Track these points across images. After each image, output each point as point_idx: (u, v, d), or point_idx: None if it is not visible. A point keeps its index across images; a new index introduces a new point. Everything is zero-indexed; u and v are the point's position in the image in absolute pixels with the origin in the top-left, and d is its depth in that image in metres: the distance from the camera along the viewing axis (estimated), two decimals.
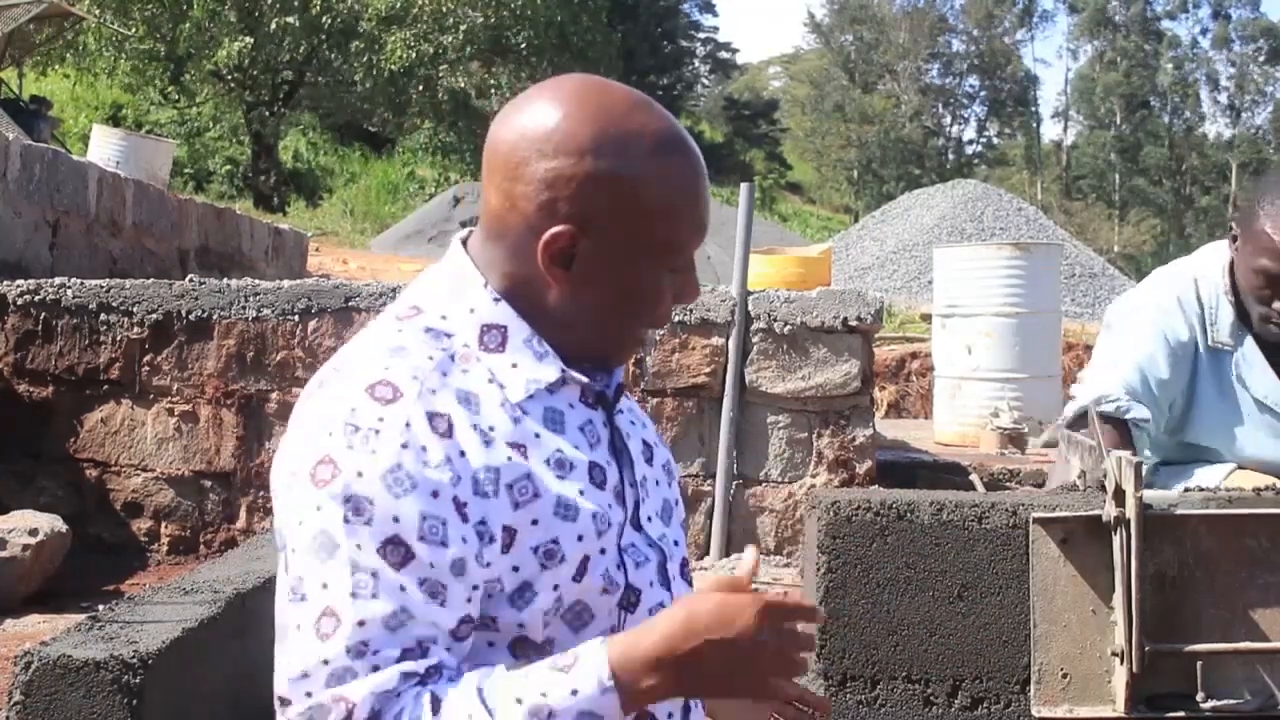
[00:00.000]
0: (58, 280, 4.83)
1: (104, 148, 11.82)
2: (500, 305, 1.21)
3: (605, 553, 1.20)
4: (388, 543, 1.08)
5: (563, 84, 1.21)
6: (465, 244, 1.25)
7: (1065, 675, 2.00)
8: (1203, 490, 2.13)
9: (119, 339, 4.68)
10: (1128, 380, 2.42)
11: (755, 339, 4.60)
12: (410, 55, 22.83)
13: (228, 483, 4.67)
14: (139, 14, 21.51)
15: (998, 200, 21.52)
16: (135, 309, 4.67)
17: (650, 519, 1.28)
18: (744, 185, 5.10)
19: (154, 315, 4.66)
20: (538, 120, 1.18)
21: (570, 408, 1.23)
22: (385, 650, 1.06)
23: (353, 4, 22.85)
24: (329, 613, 1.07)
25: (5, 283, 4.79)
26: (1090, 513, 1.99)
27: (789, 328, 4.57)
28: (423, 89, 24.58)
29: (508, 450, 1.16)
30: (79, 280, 4.80)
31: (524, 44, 24.93)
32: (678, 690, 1.08)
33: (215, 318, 4.65)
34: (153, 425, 4.69)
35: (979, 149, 59.83)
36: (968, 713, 2.28)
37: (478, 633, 1.16)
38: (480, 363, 1.19)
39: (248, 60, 22.20)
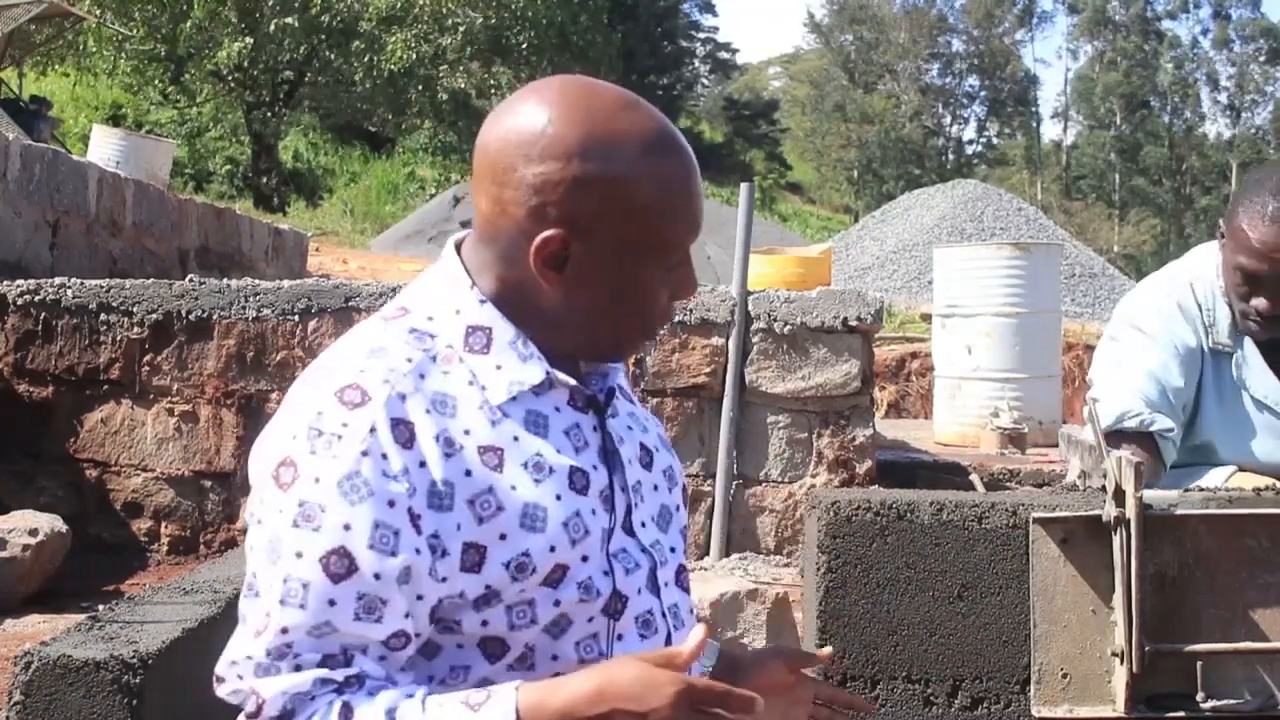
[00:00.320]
0: (58, 280, 4.83)
1: (104, 148, 11.82)
2: (486, 307, 1.21)
3: (587, 560, 1.19)
4: (333, 553, 1.09)
5: (548, 86, 1.21)
6: (459, 247, 1.25)
7: (1065, 675, 2.00)
8: (1203, 490, 2.13)
9: (119, 339, 4.68)
10: (1145, 392, 2.40)
11: (755, 339, 4.60)
12: (410, 56, 22.83)
13: (228, 483, 4.67)
14: (139, 14, 21.51)
15: (998, 200, 21.51)
16: (135, 309, 4.68)
17: (644, 524, 1.26)
18: (744, 185, 5.10)
19: (154, 315, 4.67)
20: (524, 124, 1.18)
21: (556, 411, 1.22)
22: (306, 654, 1.09)
23: (352, 4, 22.85)
24: (265, 613, 1.10)
25: (5, 283, 4.80)
26: (1090, 513, 1.99)
27: (789, 328, 4.57)
28: (422, 89, 24.58)
29: (476, 459, 1.15)
30: (79, 280, 4.80)
31: (524, 44, 24.94)
32: None
33: (215, 318, 4.65)
34: (153, 425, 4.69)
35: (979, 149, 59.87)
36: (968, 713, 2.28)
37: (445, 635, 1.17)
38: (463, 364, 1.19)
39: (248, 60, 22.20)
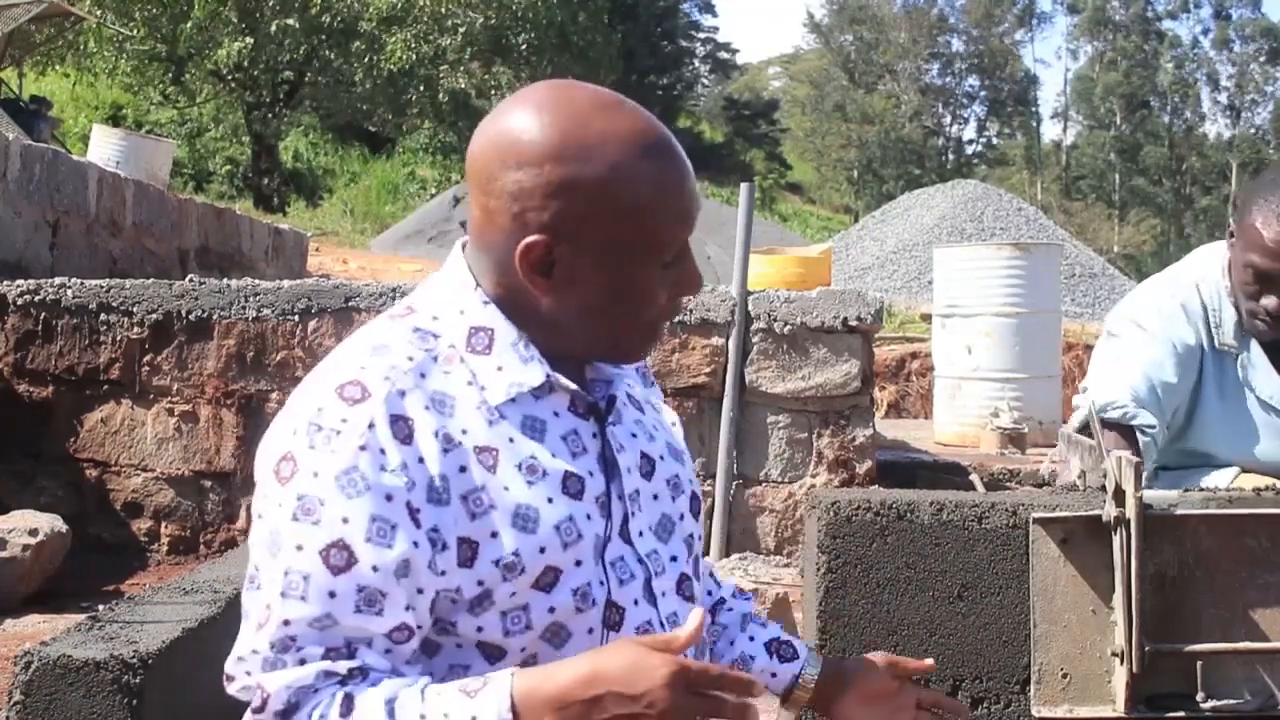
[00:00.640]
0: (58, 280, 4.83)
1: (104, 148, 11.81)
2: (489, 308, 1.21)
3: (581, 565, 1.19)
4: (332, 546, 1.10)
5: (530, 92, 1.21)
6: (465, 248, 1.26)
7: (1065, 675, 2.00)
8: (1202, 490, 2.13)
9: (119, 339, 4.68)
10: (1134, 387, 2.40)
11: (755, 339, 4.60)
12: (410, 56, 22.83)
13: (228, 483, 4.67)
14: (139, 14, 21.49)
15: (998, 200, 21.51)
16: (135, 309, 4.68)
17: (641, 534, 1.26)
18: (744, 185, 5.10)
19: (154, 315, 4.67)
20: (502, 132, 1.18)
21: (555, 415, 1.22)
22: (309, 647, 1.10)
23: (352, 4, 22.84)
24: (268, 606, 1.11)
25: (5, 283, 4.79)
26: (1090, 513, 1.99)
27: (789, 328, 4.57)
28: (423, 90, 24.57)
29: (473, 456, 1.16)
30: (79, 280, 4.80)
31: (524, 44, 24.93)
32: None
33: (215, 318, 4.65)
34: (153, 425, 4.69)
35: (979, 149, 59.87)
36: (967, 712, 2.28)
37: (443, 636, 1.17)
38: (464, 364, 1.19)
39: (248, 60, 22.19)
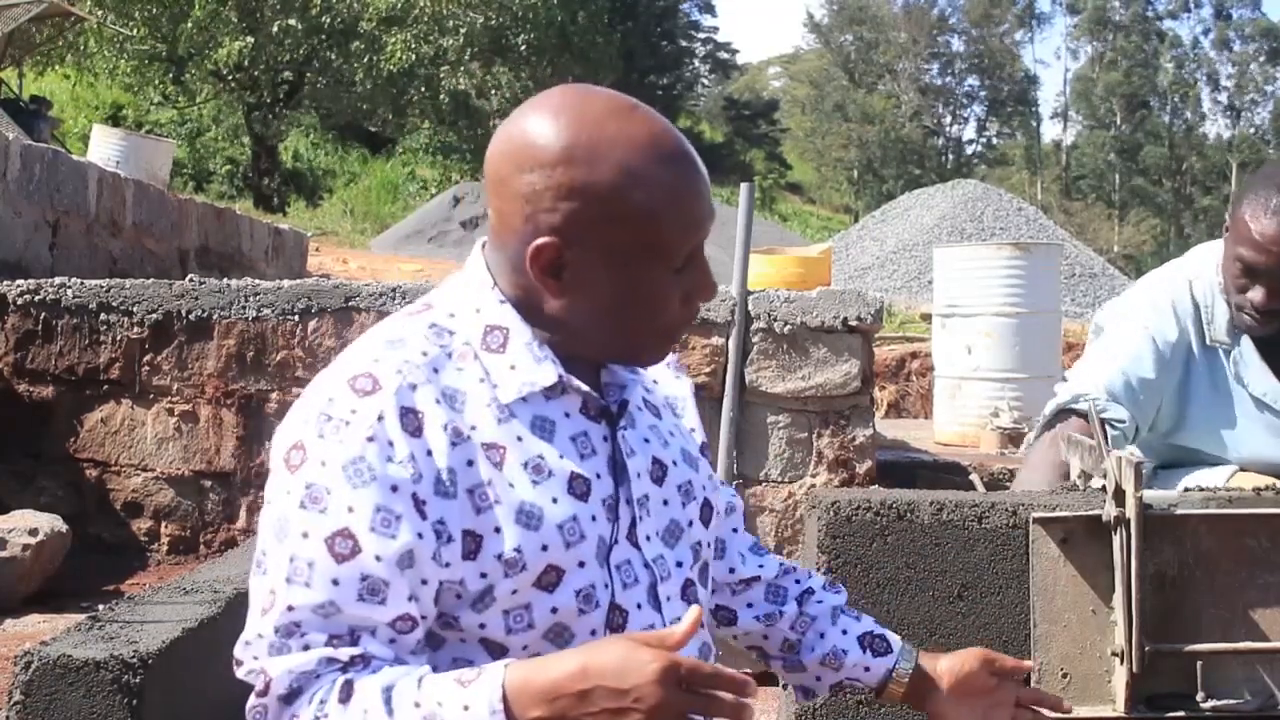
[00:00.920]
0: (58, 280, 4.82)
1: (104, 148, 11.81)
2: (505, 307, 1.22)
3: (584, 567, 1.19)
4: (337, 534, 1.11)
5: (546, 96, 1.22)
6: (484, 248, 1.28)
7: (1065, 675, 2.00)
8: (1203, 490, 2.13)
9: (119, 339, 4.68)
10: (1108, 380, 2.41)
11: (755, 339, 4.60)
12: (410, 56, 22.82)
13: (228, 483, 4.67)
14: (139, 14, 21.48)
15: (998, 200, 21.52)
16: (135, 309, 4.68)
17: (649, 538, 1.26)
18: (744, 185, 5.09)
19: (154, 315, 4.67)
20: (517, 135, 1.20)
21: (565, 416, 1.23)
22: (313, 634, 1.11)
23: (352, 4, 22.84)
24: (272, 591, 1.12)
25: (5, 283, 4.79)
26: (1090, 513, 1.99)
27: (789, 328, 4.57)
28: (424, 90, 24.57)
29: (480, 451, 1.17)
30: (79, 280, 4.80)
31: (524, 45, 24.93)
32: None
33: (215, 318, 4.65)
34: (153, 425, 4.69)
35: (979, 149, 59.89)
36: None
37: (447, 631, 1.18)
38: (477, 361, 1.20)
39: (248, 60, 22.19)
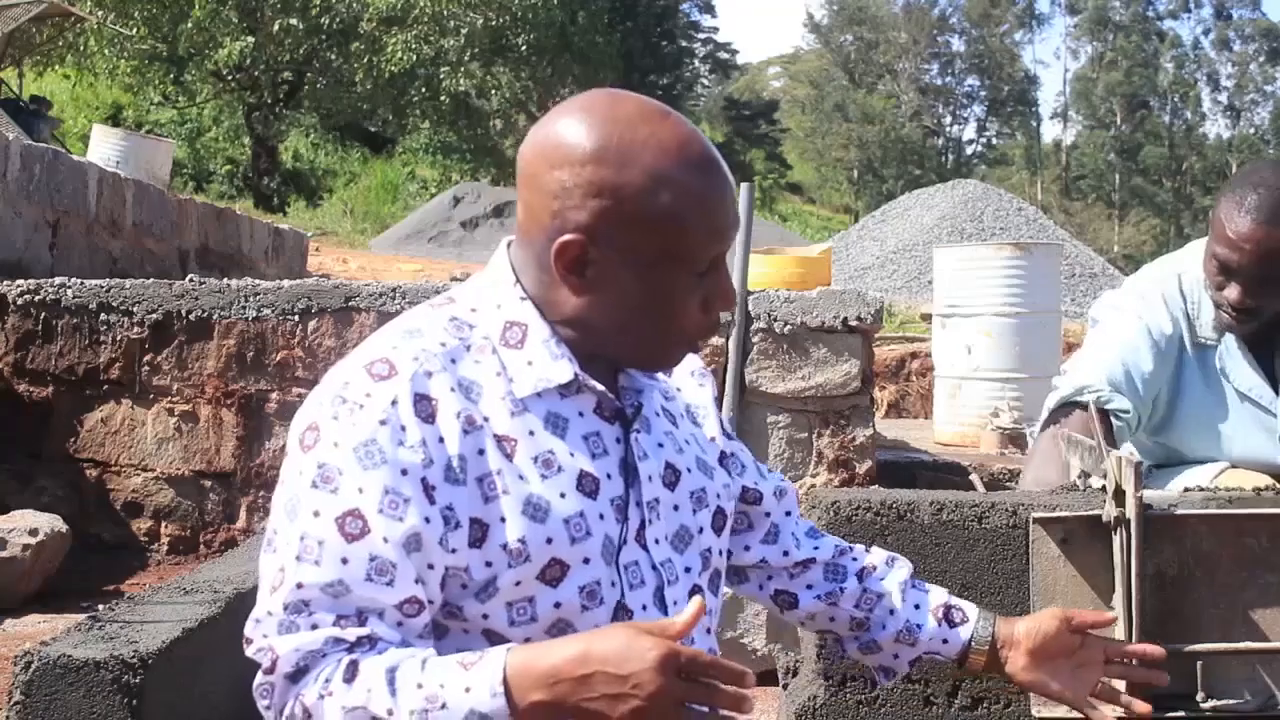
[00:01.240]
0: (58, 280, 4.82)
1: (104, 148, 11.81)
2: (525, 304, 1.24)
3: (589, 563, 1.20)
4: (348, 514, 1.12)
5: (580, 99, 1.25)
6: (510, 246, 1.29)
7: None
8: (1203, 490, 2.13)
9: (119, 339, 4.68)
10: (1110, 372, 2.40)
11: (755, 339, 4.60)
12: (411, 57, 22.81)
13: (228, 483, 4.67)
14: (139, 14, 21.48)
15: (998, 200, 21.51)
16: (135, 309, 4.68)
17: (658, 542, 1.27)
18: (744, 185, 5.08)
19: (154, 315, 4.67)
20: (550, 133, 1.22)
21: (580, 416, 1.24)
22: (321, 613, 1.12)
23: (352, 4, 22.83)
24: (281, 569, 1.13)
25: (5, 283, 4.79)
26: (1090, 512, 1.99)
27: (789, 328, 4.57)
28: (425, 91, 24.55)
29: (492, 442, 1.18)
30: (79, 280, 4.80)
31: (524, 45, 24.91)
32: (563, 710, 1.09)
33: (215, 318, 4.65)
34: (153, 425, 4.69)
35: (979, 149, 59.88)
36: (968, 713, 2.27)
37: (451, 621, 1.19)
38: (495, 355, 1.22)
39: (248, 60, 22.19)
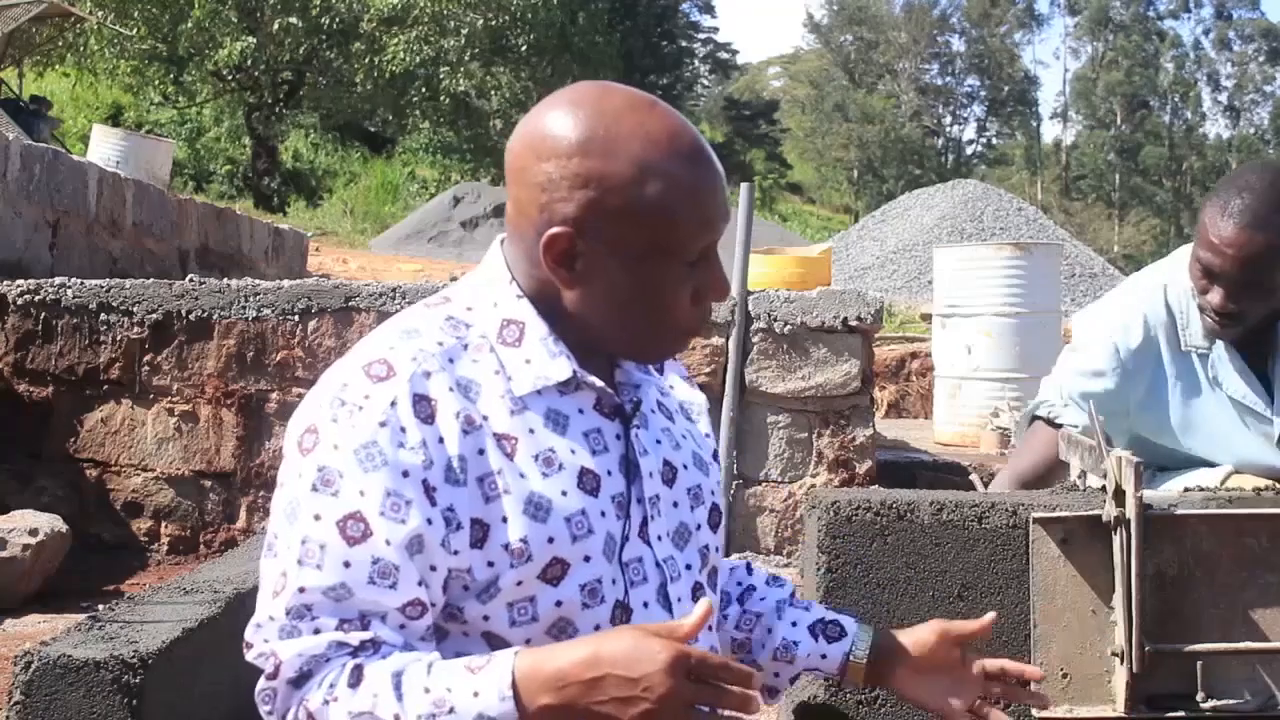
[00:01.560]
0: (58, 280, 4.82)
1: (104, 148, 11.81)
2: (522, 302, 1.23)
3: (590, 561, 1.19)
4: (349, 517, 1.12)
5: (567, 91, 1.24)
6: (503, 243, 1.29)
7: (1065, 675, 2.00)
8: (1203, 490, 2.13)
9: (119, 339, 4.68)
10: (1069, 388, 2.57)
11: (755, 339, 4.60)
12: (411, 58, 22.80)
13: (228, 483, 4.67)
14: (139, 14, 21.48)
15: (998, 200, 21.52)
16: (135, 309, 4.68)
17: (660, 538, 1.27)
18: (744, 185, 5.09)
19: (154, 315, 4.67)
20: (536, 126, 1.21)
21: (580, 412, 1.24)
22: (324, 617, 1.11)
23: (353, 4, 22.83)
24: (283, 574, 1.13)
25: (5, 283, 4.79)
26: (1090, 512, 1.99)
27: (789, 328, 4.57)
28: (425, 92, 24.54)
29: (492, 441, 1.17)
30: (79, 280, 4.80)
31: (524, 45, 24.90)
32: (572, 713, 1.08)
33: (215, 318, 4.65)
34: (153, 425, 4.69)
35: (979, 149, 59.88)
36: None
37: (451, 623, 1.18)
38: (493, 354, 1.21)
39: (249, 60, 22.19)
